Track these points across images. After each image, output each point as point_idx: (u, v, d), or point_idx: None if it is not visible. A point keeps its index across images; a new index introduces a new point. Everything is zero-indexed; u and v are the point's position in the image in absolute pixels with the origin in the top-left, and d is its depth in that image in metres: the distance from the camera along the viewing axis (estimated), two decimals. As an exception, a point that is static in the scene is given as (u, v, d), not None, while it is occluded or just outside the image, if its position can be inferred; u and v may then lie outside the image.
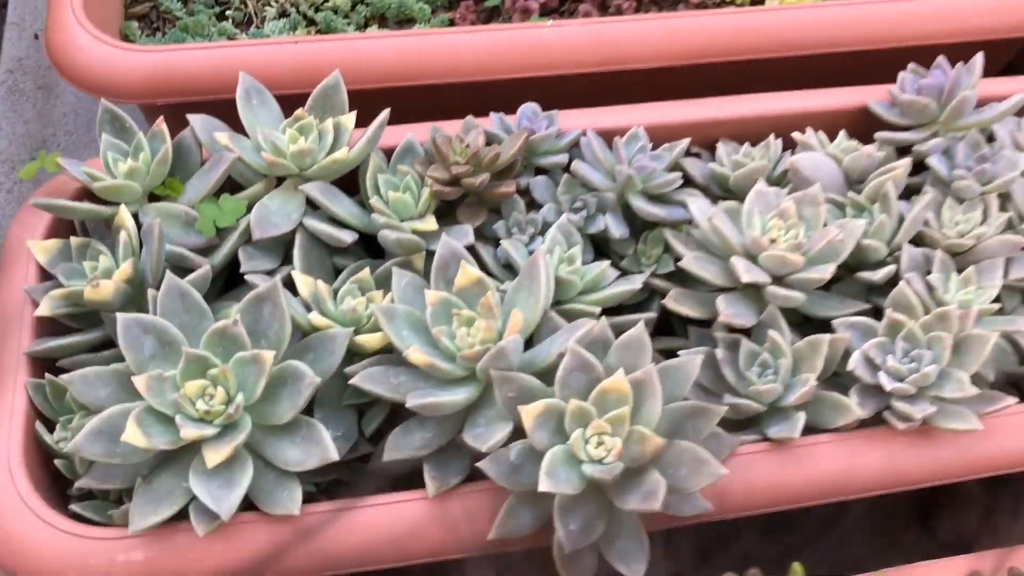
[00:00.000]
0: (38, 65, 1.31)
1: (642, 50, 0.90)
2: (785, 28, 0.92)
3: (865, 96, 0.86)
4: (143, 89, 0.83)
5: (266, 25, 0.97)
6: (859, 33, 0.93)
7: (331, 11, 0.99)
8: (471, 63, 0.87)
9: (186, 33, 0.95)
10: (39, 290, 0.69)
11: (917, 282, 0.73)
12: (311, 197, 0.72)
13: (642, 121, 0.82)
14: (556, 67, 0.89)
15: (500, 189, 0.74)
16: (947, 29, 0.94)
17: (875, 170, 0.79)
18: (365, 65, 0.85)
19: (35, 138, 1.24)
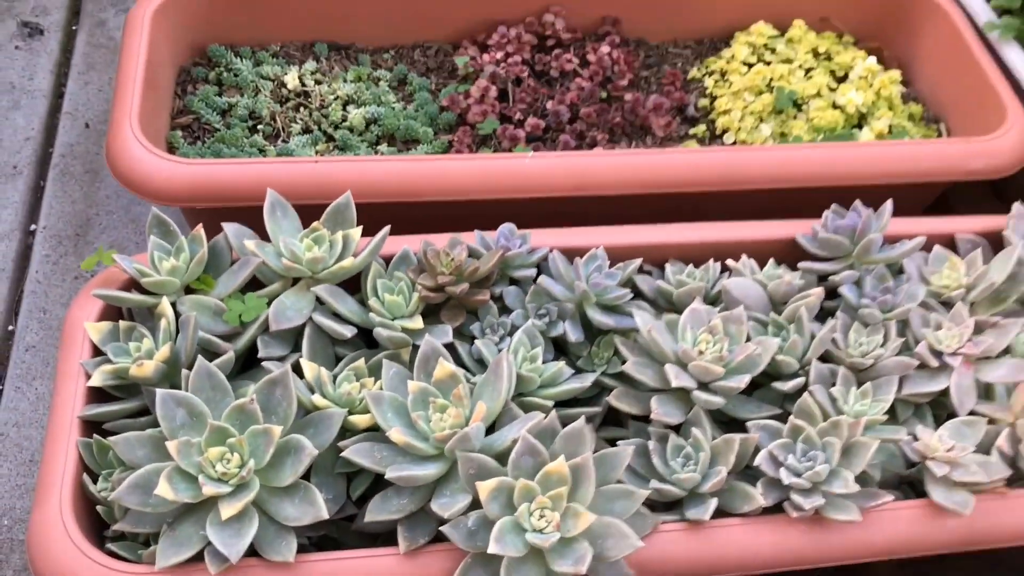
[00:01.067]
0: (87, 151, 1.48)
1: (608, 180, 1.05)
2: (733, 166, 1.08)
3: (793, 229, 1.01)
4: (185, 195, 0.99)
5: (292, 140, 1.13)
6: (799, 172, 1.09)
7: (347, 130, 1.15)
8: (463, 186, 1.03)
9: (223, 144, 1.11)
10: (92, 364, 0.84)
11: (821, 393, 0.87)
12: (320, 297, 0.87)
13: (603, 242, 0.97)
14: (535, 191, 1.04)
15: (477, 297, 0.90)
16: (873, 173, 1.10)
17: (794, 295, 0.94)
18: (374, 183, 1.01)
19: (80, 217, 1.40)
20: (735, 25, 1.32)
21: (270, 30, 1.23)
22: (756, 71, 1.23)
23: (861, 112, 1.20)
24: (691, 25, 1.32)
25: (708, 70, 1.29)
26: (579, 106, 1.18)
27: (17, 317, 1.29)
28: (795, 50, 1.26)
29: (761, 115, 1.20)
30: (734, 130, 1.21)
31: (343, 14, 1.23)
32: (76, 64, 1.58)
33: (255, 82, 1.18)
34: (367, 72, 1.22)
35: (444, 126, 1.18)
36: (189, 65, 1.21)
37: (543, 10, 1.26)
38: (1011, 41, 1.23)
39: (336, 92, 1.18)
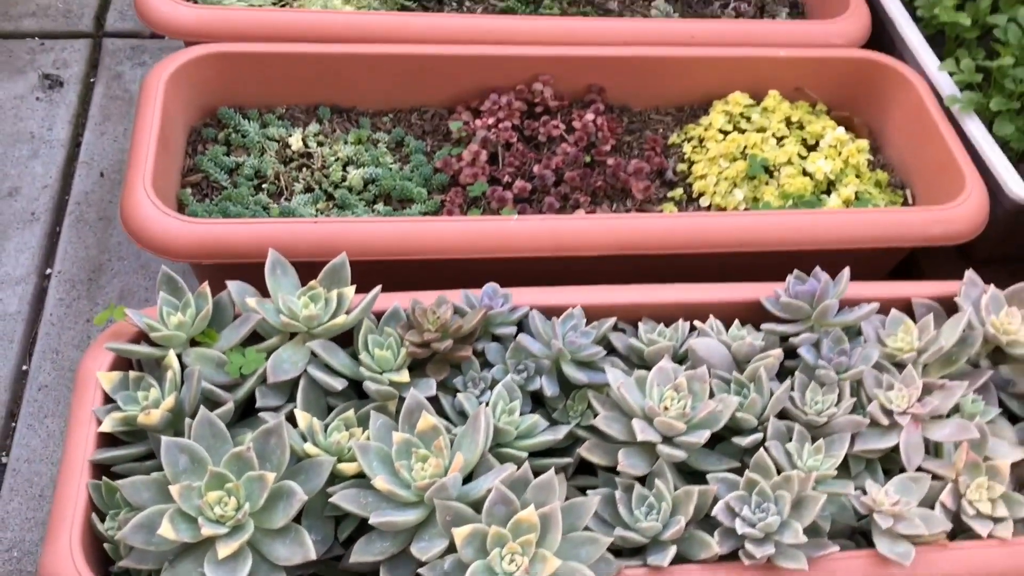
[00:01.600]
0: (101, 199, 1.56)
1: (587, 242, 1.13)
2: (705, 231, 1.16)
3: (759, 292, 1.08)
4: (193, 253, 1.07)
5: (294, 198, 1.21)
6: (767, 238, 1.16)
7: (347, 189, 1.23)
8: (452, 246, 1.10)
9: (229, 202, 1.19)
10: (103, 411, 0.91)
11: (776, 449, 0.94)
12: (315, 351, 0.94)
13: (581, 301, 1.04)
14: (519, 251, 1.12)
15: (460, 353, 0.97)
16: (837, 238, 1.18)
17: (756, 355, 1.01)
18: (369, 243, 1.09)
19: (93, 262, 1.48)
20: (714, 94, 1.40)
21: (277, 94, 1.31)
22: (731, 139, 1.31)
23: (830, 179, 1.28)
24: (672, 93, 1.40)
25: (687, 136, 1.37)
26: (564, 170, 1.26)
27: (31, 358, 1.37)
28: (769, 119, 1.34)
29: (735, 180, 1.28)
30: (709, 194, 1.29)
31: (346, 81, 1.31)
32: (93, 115, 1.67)
33: (261, 143, 1.26)
34: (367, 134, 1.30)
35: (437, 186, 1.26)
36: (200, 126, 1.29)
37: (533, 79, 1.34)
38: (972, 114, 1.31)
39: (337, 153, 1.26)
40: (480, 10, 1.51)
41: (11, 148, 1.60)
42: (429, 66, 1.32)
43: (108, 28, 1.82)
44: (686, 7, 1.57)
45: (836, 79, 1.41)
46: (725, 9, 1.56)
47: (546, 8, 1.51)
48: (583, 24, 1.37)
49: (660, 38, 1.37)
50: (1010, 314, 1.07)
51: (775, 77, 1.39)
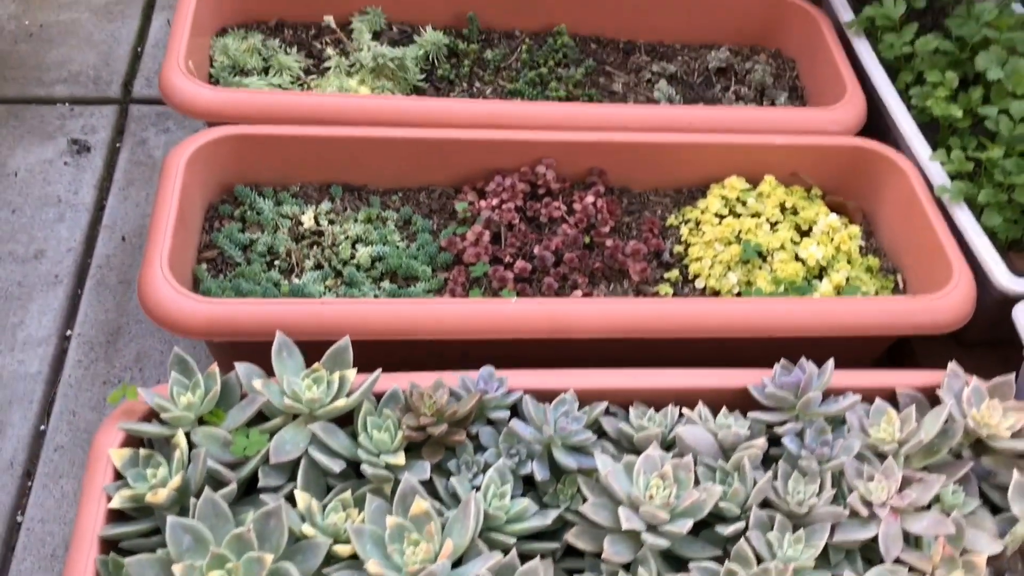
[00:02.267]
0: (122, 263, 1.63)
1: (583, 326, 1.17)
2: (697, 317, 1.20)
3: (746, 380, 1.12)
4: (206, 331, 1.12)
5: (304, 275, 1.26)
6: (757, 324, 1.21)
7: (355, 267, 1.29)
8: (452, 327, 1.15)
9: (242, 279, 1.24)
10: (113, 488, 0.96)
11: (757, 539, 0.97)
12: (315, 433, 0.99)
13: (574, 385, 1.09)
14: (517, 333, 1.17)
15: (455, 437, 1.01)
16: (826, 326, 1.21)
17: (742, 444, 1.05)
18: (371, 324, 1.14)
19: (112, 325, 1.54)
20: (712, 177, 1.45)
21: (292, 173, 1.38)
22: (726, 223, 1.35)
23: (822, 264, 1.32)
24: (671, 176, 1.45)
25: (684, 218, 1.41)
26: (563, 251, 1.31)
27: (49, 418, 1.42)
28: (764, 204, 1.39)
29: (729, 264, 1.32)
30: (704, 276, 1.33)
31: (358, 162, 1.37)
32: (117, 180, 1.74)
33: (275, 220, 1.32)
34: (376, 212, 1.36)
35: (442, 264, 1.31)
36: (218, 202, 1.35)
37: (536, 162, 1.39)
38: (962, 203, 1.35)
39: (347, 232, 1.32)
40: (489, 91, 1.57)
41: (39, 211, 1.67)
42: (438, 149, 1.37)
43: (135, 95, 1.90)
44: (688, 89, 1.62)
45: (831, 165, 1.46)
46: (726, 92, 1.62)
47: (552, 90, 1.57)
48: (586, 109, 1.43)
49: (661, 124, 1.43)
50: (991, 407, 1.10)
51: (772, 162, 1.44)
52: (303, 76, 1.54)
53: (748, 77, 1.63)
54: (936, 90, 1.45)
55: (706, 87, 1.63)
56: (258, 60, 1.54)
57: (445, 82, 1.57)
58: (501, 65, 1.61)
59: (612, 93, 1.60)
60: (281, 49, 1.57)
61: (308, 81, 1.53)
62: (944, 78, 1.45)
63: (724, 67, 1.65)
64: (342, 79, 1.52)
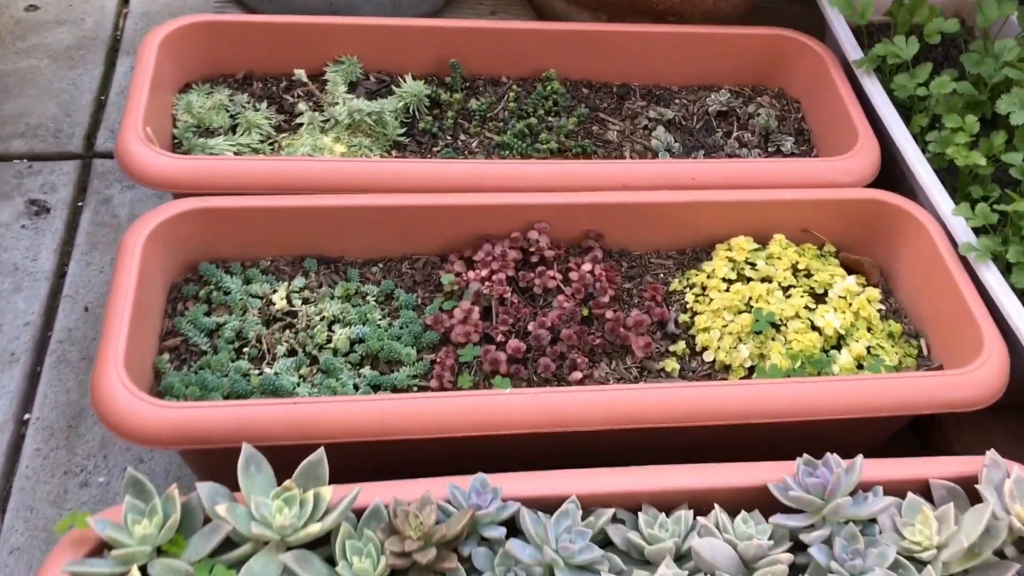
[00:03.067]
0: (84, 336, 1.51)
1: (584, 418, 1.07)
2: (705, 403, 1.09)
3: (765, 476, 1.01)
4: (166, 440, 1.01)
5: (276, 363, 1.15)
6: (772, 409, 1.10)
7: (332, 352, 1.18)
8: (439, 425, 1.04)
9: (208, 370, 1.13)
10: (59, 637, 0.85)
11: (787, 672, 0.86)
12: (288, 565, 0.88)
13: (577, 490, 0.98)
14: (512, 428, 1.06)
15: (445, 564, 0.90)
16: (848, 408, 1.11)
17: (765, 556, 0.94)
18: (349, 425, 1.03)
19: (74, 407, 1.42)
20: (717, 236, 1.35)
21: (261, 247, 1.27)
22: (735, 290, 1.25)
23: (840, 333, 1.22)
24: (673, 237, 1.35)
25: (689, 283, 1.31)
26: (560, 327, 1.20)
27: (4, 515, 1.31)
28: (775, 266, 1.28)
29: (740, 335, 1.22)
30: (713, 349, 1.23)
31: (333, 233, 1.26)
32: (79, 244, 1.63)
33: (244, 300, 1.21)
34: (355, 288, 1.25)
35: (428, 345, 1.20)
36: (181, 282, 1.24)
37: (528, 227, 1.29)
38: (989, 262, 1.25)
39: (322, 312, 1.21)
40: (475, 144, 1.46)
41: (-6, 282, 1.56)
42: (421, 216, 1.27)
43: (98, 148, 1.79)
44: (687, 136, 1.52)
45: (845, 220, 1.35)
46: (728, 139, 1.52)
47: (543, 142, 1.46)
48: (581, 169, 1.32)
49: (660, 180, 1.32)
50: (1037, 502, 1.00)
51: (781, 218, 1.34)
52: (274, 134, 1.43)
53: (751, 121, 1.53)
54: (956, 135, 1.35)
55: (707, 132, 1.53)
56: (224, 118, 1.43)
57: (427, 136, 1.46)
58: (487, 115, 1.50)
59: (607, 142, 1.49)
60: (250, 105, 1.46)
61: (279, 140, 1.42)
62: (964, 123, 1.35)
63: (725, 110, 1.54)
64: (316, 136, 1.41)
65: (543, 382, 1.18)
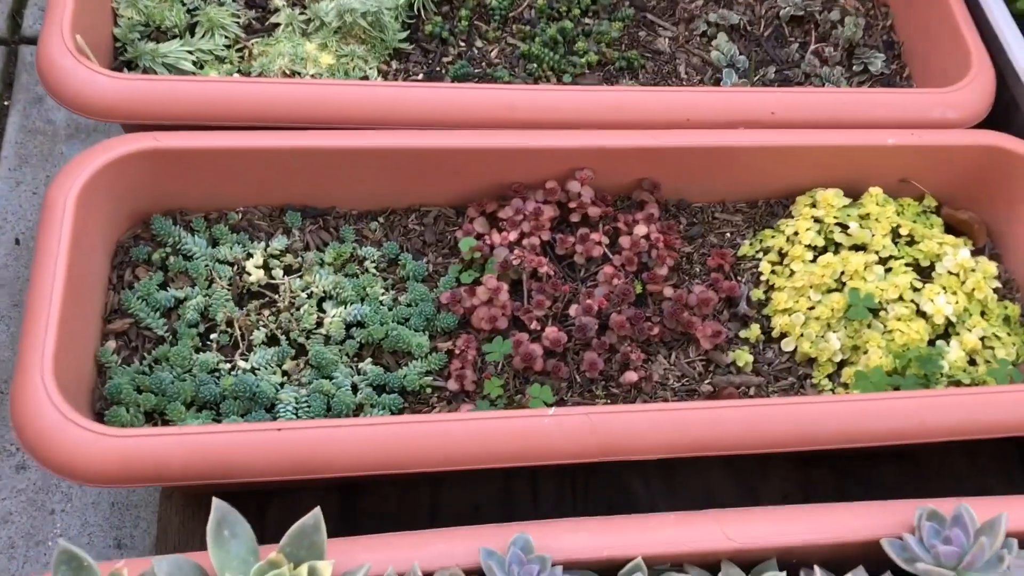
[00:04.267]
0: (16, 276, 1.25)
1: (642, 445, 0.84)
2: (793, 425, 0.87)
3: (874, 525, 0.81)
4: (115, 476, 0.78)
5: (253, 355, 0.91)
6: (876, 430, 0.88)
7: (323, 339, 0.93)
8: (460, 456, 0.82)
9: (166, 364, 0.89)
10: None
11: None
12: (276, 675, 0.67)
13: (642, 547, 0.77)
14: (554, 458, 0.84)
15: (481, 667, 0.69)
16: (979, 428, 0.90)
17: (882, 647, 0.74)
18: (349, 455, 0.80)
19: (6, 365, 1.18)
20: (797, 186, 1.10)
21: (231, 195, 1.00)
22: (823, 263, 1.01)
23: (950, 319, 0.99)
24: (744, 186, 1.09)
25: (763, 246, 1.06)
26: (609, 310, 0.97)
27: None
28: (872, 230, 1.04)
29: (829, 321, 0.99)
30: (795, 336, 1.00)
31: (321, 177, 0.99)
32: (6, 157, 1.34)
33: (210, 267, 0.95)
34: (349, 250, 0.99)
35: (442, 330, 0.96)
36: (128, 240, 0.97)
37: (567, 175, 1.03)
38: None
39: (310, 285, 0.96)
40: (495, 52, 1.17)
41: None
42: (430, 160, 1.00)
43: (26, 31, 1.46)
44: (754, 46, 1.24)
45: (952, 168, 1.10)
46: (805, 53, 1.23)
47: (580, 52, 1.18)
48: (631, 99, 1.05)
49: (732, 114, 1.06)
50: None
51: (877, 166, 1.09)
52: (243, 36, 1.13)
53: (833, 32, 1.25)
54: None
55: (778, 43, 1.24)
56: (180, 14, 1.12)
57: (436, 41, 1.17)
58: (510, 15, 1.20)
59: (657, 53, 1.21)
60: (212, -4, 1.15)
61: (250, 45, 1.13)
62: (1109, 50, 1.08)
63: (800, 15, 1.26)
64: (296, 42, 1.12)
65: (588, 383, 0.95)
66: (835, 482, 1.08)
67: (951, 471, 1.09)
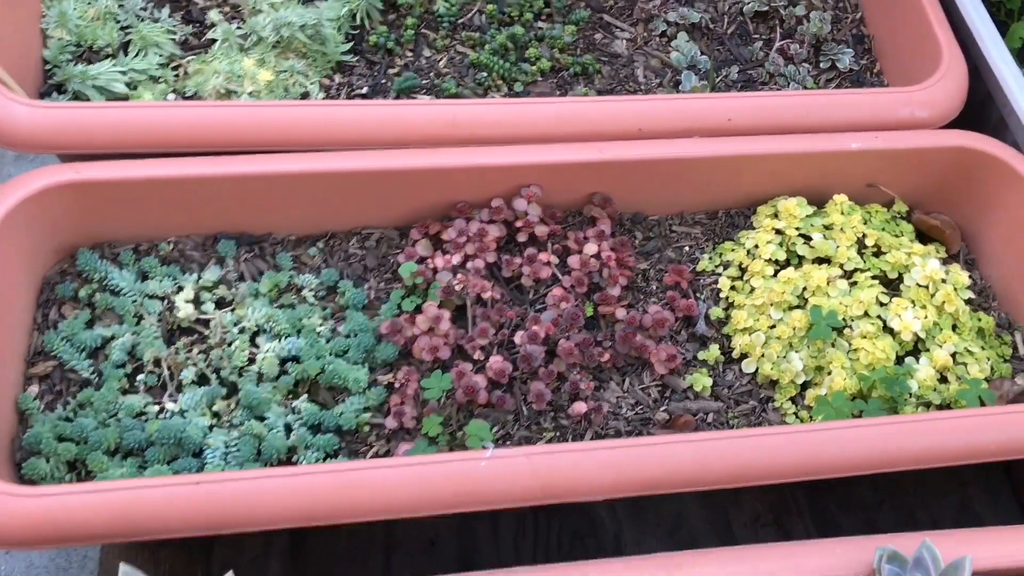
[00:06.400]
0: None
1: (589, 486, 0.80)
2: (765, 457, 0.83)
3: (835, 571, 0.76)
4: (29, 537, 0.74)
5: (182, 396, 0.87)
6: (844, 463, 0.84)
7: (255, 377, 0.89)
8: (391, 505, 0.78)
9: (90, 409, 0.85)
10: None
11: None
12: None
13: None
14: (494, 503, 0.79)
15: None
16: (944, 455, 0.85)
17: None
18: (273, 507, 0.76)
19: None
20: (759, 195, 1.05)
21: (160, 226, 0.96)
22: (785, 278, 0.96)
23: (919, 336, 0.94)
24: (702, 197, 1.04)
25: (723, 260, 1.02)
26: (557, 336, 0.92)
27: None
28: (836, 242, 0.99)
29: (791, 341, 0.94)
30: (755, 357, 0.95)
31: (256, 203, 0.95)
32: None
33: (138, 302, 0.91)
34: (286, 279, 0.95)
35: (382, 362, 0.92)
36: (55, 275, 0.93)
37: (513, 192, 0.98)
38: (1113, 237, 0.96)
39: (242, 320, 0.91)
40: (443, 62, 1.13)
41: None
42: (371, 181, 0.95)
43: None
44: (716, 45, 1.18)
45: (922, 171, 1.05)
46: (769, 50, 1.18)
47: (532, 59, 1.13)
48: (580, 109, 1.00)
49: (686, 122, 1.01)
50: None
51: (842, 171, 1.03)
52: (179, 54, 1.09)
53: (799, 27, 1.19)
54: (1073, 58, 1.03)
55: (742, 41, 1.19)
56: (113, 32, 1.08)
57: (381, 52, 1.12)
58: (459, 22, 1.15)
59: (614, 56, 1.16)
60: (147, 13, 1.10)
61: (185, 63, 1.08)
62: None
63: (764, 10, 1.20)
64: (233, 58, 1.07)
65: (535, 416, 0.90)
66: (809, 502, 1.04)
67: (931, 486, 1.05)
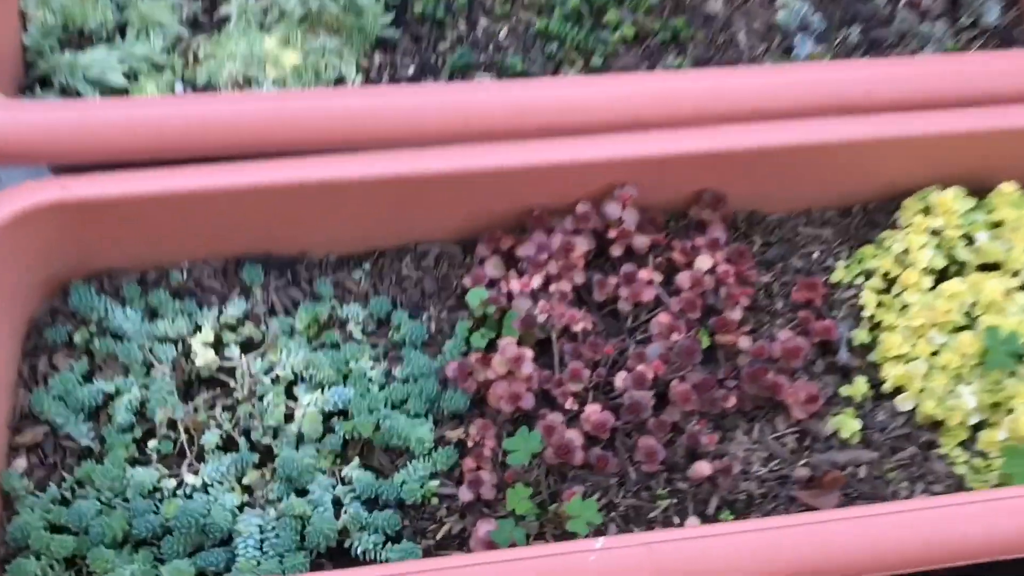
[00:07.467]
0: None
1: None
2: (927, 529, 0.64)
3: None
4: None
5: (204, 467, 0.70)
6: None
7: (295, 436, 0.71)
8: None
9: (90, 488, 0.68)
10: None
11: None
12: None
13: None
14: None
15: None
16: None
17: None
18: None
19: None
20: (904, 185, 0.85)
21: (170, 250, 0.78)
22: (949, 293, 0.76)
23: (1121, 361, 0.74)
24: (832, 190, 0.85)
25: (863, 268, 0.82)
26: (668, 376, 0.73)
27: None
28: (1008, 240, 0.79)
29: (959, 372, 0.75)
30: (914, 392, 0.76)
31: (286, 217, 0.77)
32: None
33: (147, 348, 0.74)
34: (327, 311, 0.77)
35: (451, 413, 0.74)
36: (44, 316, 0.76)
37: (604, 194, 0.79)
38: None
39: (275, 367, 0.74)
40: (504, 33, 0.93)
41: None
42: (427, 187, 0.77)
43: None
44: (831, 1, 0.98)
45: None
46: (896, 5, 0.97)
47: (611, 25, 0.93)
48: (682, 84, 0.80)
49: (812, 98, 0.81)
50: None
51: (1010, 154, 0.83)
52: (186, 34, 0.90)
53: (932, -25, 0.98)
54: None
55: (861, -3, 0.99)
56: (107, 12, 0.90)
57: (429, 24, 0.93)
58: (521, -16, 0.96)
59: (708, 19, 0.96)
60: (146, -14, 0.92)
61: (194, 47, 0.90)
62: None
63: (887, -45, 0.99)
64: (252, 38, 0.89)
65: (645, 479, 0.72)
66: None
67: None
